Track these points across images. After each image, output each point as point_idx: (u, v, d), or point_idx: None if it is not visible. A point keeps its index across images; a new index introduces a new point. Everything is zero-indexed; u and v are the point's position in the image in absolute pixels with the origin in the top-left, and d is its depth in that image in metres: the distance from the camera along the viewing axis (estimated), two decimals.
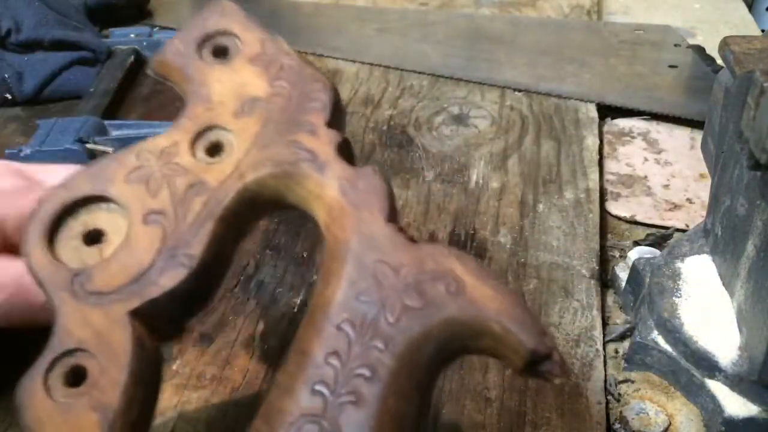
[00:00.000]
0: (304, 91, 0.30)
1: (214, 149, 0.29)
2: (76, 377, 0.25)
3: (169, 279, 0.26)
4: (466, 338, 0.24)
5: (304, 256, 0.47)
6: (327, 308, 0.25)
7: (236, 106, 0.30)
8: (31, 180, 0.35)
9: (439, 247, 0.26)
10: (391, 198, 0.27)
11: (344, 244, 0.26)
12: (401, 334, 0.24)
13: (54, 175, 0.35)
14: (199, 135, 0.29)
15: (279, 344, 0.40)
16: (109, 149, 0.56)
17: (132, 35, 0.77)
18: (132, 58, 0.72)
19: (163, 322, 0.27)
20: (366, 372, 0.23)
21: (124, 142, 0.58)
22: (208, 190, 0.28)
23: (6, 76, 0.67)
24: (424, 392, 0.24)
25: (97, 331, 0.25)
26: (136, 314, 0.26)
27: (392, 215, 0.27)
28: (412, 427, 0.24)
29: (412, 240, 0.26)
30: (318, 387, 0.23)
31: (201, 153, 0.29)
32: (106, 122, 0.60)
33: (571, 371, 0.26)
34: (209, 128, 0.29)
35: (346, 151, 0.29)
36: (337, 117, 0.30)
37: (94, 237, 0.28)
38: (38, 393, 0.25)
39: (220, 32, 0.32)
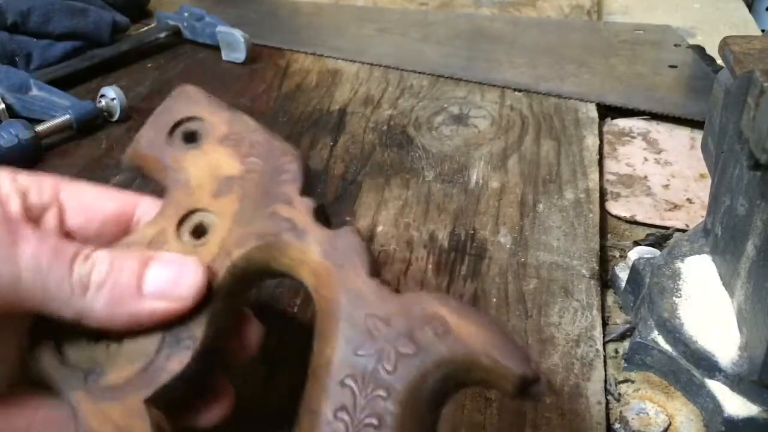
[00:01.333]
0: (275, 165, 0.32)
1: (199, 231, 0.30)
2: None
3: (177, 363, 0.27)
4: (459, 374, 0.26)
5: None
6: (329, 367, 0.26)
7: (214, 188, 0.31)
8: None
9: (423, 294, 0.27)
10: (370, 253, 0.29)
11: (334, 303, 0.28)
12: (400, 380, 0.25)
13: None
14: (182, 220, 0.30)
15: (279, 344, 0.40)
16: None
17: (185, 14, 0.80)
18: (166, 33, 0.79)
19: (175, 405, 0.28)
20: (374, 421, 0.25)
21: (33, 103, 0.61)
22: None
23: (16, 58, 0.69)
24: (430, 429, 0.26)
25: (118, 426, 0.26)
26: (150, 402, 0.27)
27: (374, 269, 0.28)
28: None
29: (396, 290, 0.28)
30: None
31: (187, 236, 0.30)
32: (33, 81, 0.62)
33: (555, 388, 0.28)
34: (191, 212, 0.31)
35: (322, 216, 0.31)
36: (308, 184, 0.32)
37: (98, 334, 0.28)
38: None
39: (188, 118, 0.33)
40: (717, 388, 0.37)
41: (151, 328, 0.28)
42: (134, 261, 0.28)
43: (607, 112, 0.68)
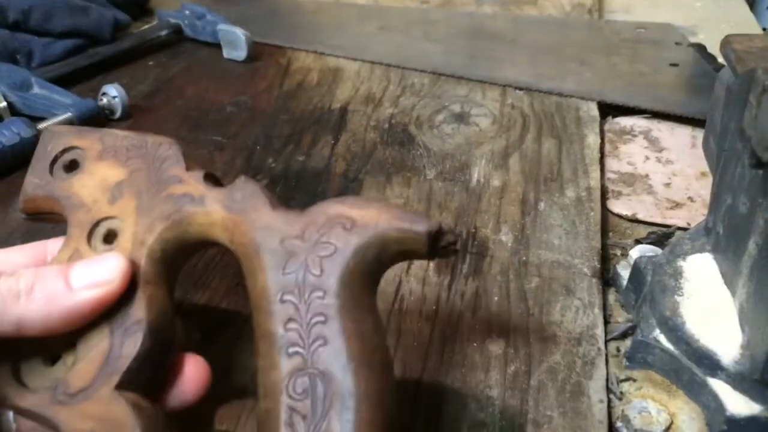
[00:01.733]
0: (155, 156, 0.34)
1: (109, 237, 0.33)
2: None
3: (132, 347, 0.30)
4: (378, 254, 0.29)
5: None
6: (265, 293, 0.29)
7: (108, 197, 0.34)
8: None
9: (322, 202, 0.31)
10: (265, 191, 0.32)
11: (251, 244, 0.31)
12: (330, 277, 0.29)
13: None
14: (90, 235, 0.33)
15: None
16: None
17: (187, 12, 0.80)
18: (167, 31, 0.79)
19: (143, 383, 0.30)
20: (320, 318, 0.28)
21: (35, 100, 0.62)
22: None
23: (18, 56, 0.70)
24: (370, 308, 0.29)
25: (99, 417, 0.28)
26: (121, 387, 0.29)
27: (274, 203, 0.31)
28: (376, 337, 0.29)
29: (301, 210, 0.31)
30: (291, 349, 0.28)
31: (100, 246, 0.32)
32: (34, 79, 0.63)
33: (458, 232, 0.31)
34: (96, 225, 0.33)
35: (213, 179, 0.34)
36: (189, 160, 0.34)
37: (54, 356, 0.31)
38: None
39: (62, 151, 0.36)
40: (719, 386, 0.37)
41: (95, 328, 0.30)
42: (55, 268, 0.30)
43: (609, 110, 0.68)
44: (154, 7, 0.88)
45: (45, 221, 0.36)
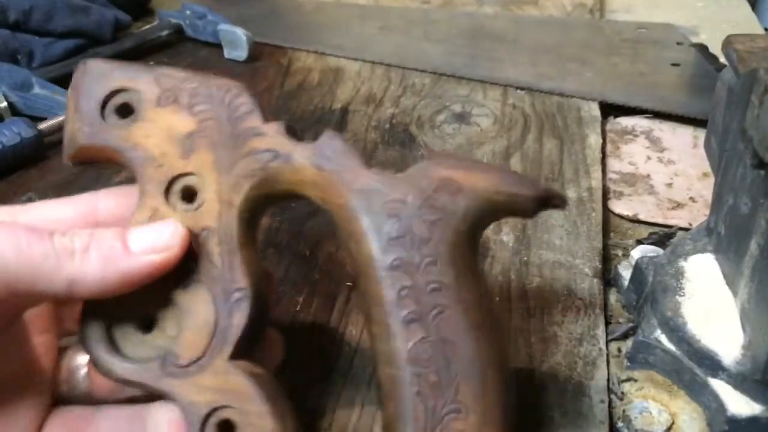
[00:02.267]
0: (225, 104, 0.31)
1: (189, 196, 0.30)
2: (227, 429, 0.28)
3: (240, 316, 0.29)
4: (486, 217, 0.29)
5: (307, 254, 0.47)
6: (372, 261, 0.29)
7: (179, 150, 0.31)
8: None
9: (423, 164, 0.30)
10: (356, 149, 0.30)
11: (348, 205, 0.29)
12: (440, 244, 0.28)
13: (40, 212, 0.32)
14: (167, 192, 0.30)
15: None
16: None
17: (188, 12, 0.80)
18: (168, 31, 0.79)
19: (250, 350, 0.30)
20: (435, 285, 0.28)
21: (35, 101, 0.62)
22: (214, 231, 0.30)
23: (18, 56, 0.69)
24: (478, 272, 0.30)
25: (217, 389, 0.28)
26: (234, 357, 0.29)
27: (366, 162, 0.30)
28: (486, 301, 0.29)
29: (394, 171, 0.30)
30: (409, 317, 0.28)
31: (181, 204, 0.30)
32: (35, 79, 0.63)
33: (565, 197, 0.31)
34: (172, 181, 0.30)
35: (294, 132, 0.31)
36: (264, 108, 0.32)
37: (147, 323, 0.30)
38: None
39: (112, 93, 0.31)
40: (720, 386, 0.37)
41: (192, 293, 0.29)
42: (113, 231, 0.28)
43: (610, 110, 0.67)
44: (154, 7, 0.88)
45: (100, 166, 0.33)
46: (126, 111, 0.31)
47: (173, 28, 0.80)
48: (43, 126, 0.58)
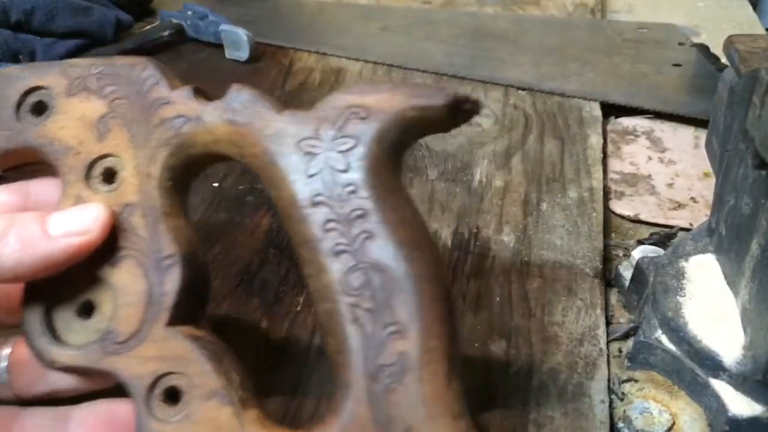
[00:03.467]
0: (133, 80, 0.32)
1: (109, 176, 0.31)
2: (173, 396, 0.28)
3: (171, 282, 0.29)
4: (400, 135, 0.29)
5: None
6: (294, 201, 0.29)
7: (95, 134, 0.31)
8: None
9: (329, 96, 0.30)
10: (264, 95, 0.30)
11: (264, 153, 0.29)
12: (357, 171, 0.28)
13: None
14: (87, 177, 0.31)
15: (284, 341, 0.41)
16: None
17: (189, 12, 0.80)
18: (169, 32, 0.79)
19: (192, 315, 0.30)
20: (358, 212, 0.28)
21: None
22: (136, 205, 0.30)
23: (20, 57, 0.70)
24: (402, 192, 0.29)
25: (159, 357, 0.28)
26: (172, 324, 0.29)
27: (277, 106, 0.30)
28: (417, 219, 0.29)
29: (309, 108, 0.29)
30: (336, 248, 0.28)
31: (102, 187, 0.31)
32: None
33: (479, 101, 0.30)
34: (90, 166, 0.31)
35: (202, 93, 0.32)
36: (170, 77, 0.32)
37: (86, 308, 0.30)
38: (153, 425, 0.28)
39: (24, 94, 0.32)
40: (721, 387, 0.37)
41: (124, 272, 0.29)
42: (32, 214, 0.29)
43: (611, 110, 0.67)
44: (156, 8, 0.88)
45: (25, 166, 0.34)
46: (41, 109, 0.32)
47: (174, 29, 0.80)
48: None
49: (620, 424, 0.38)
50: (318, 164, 0.28)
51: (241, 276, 0.45)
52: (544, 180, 0.56)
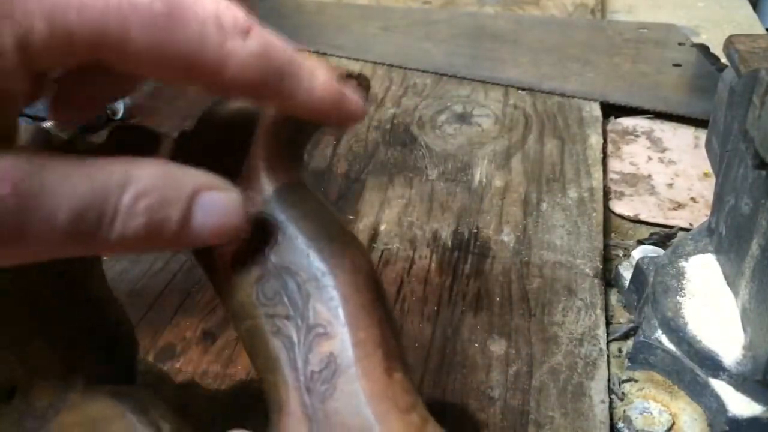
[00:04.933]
0: None
1: None
2: None
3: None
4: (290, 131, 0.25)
5: None
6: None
7: None
8: None
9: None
10: None
11: None
12: (252, 170, 0.25)
13: None
14: None
15: None
16: None
17: None
18: None
19: (110, 360, 0.28)
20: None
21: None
22: None
23: None
24: (299, 181, 0.26)
25: (79, 423, 0.26)
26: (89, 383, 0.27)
27: None
28: (323, 210, 0.26)
29: None
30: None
31: None
32: None
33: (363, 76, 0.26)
34: None
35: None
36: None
37: (10, 391, 0.27)
38: None
39: None
40: (721, 387, 0.37)
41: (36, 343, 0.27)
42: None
43: (611, 110, 0.67)
44: None
45: None
46: None
47: None
48: (44, 126, 0.58)
49: (620, 424, 0.38)
50: None
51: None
52: (544, 180, 0.56)
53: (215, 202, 0.21)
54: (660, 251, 0.47)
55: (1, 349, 0.26)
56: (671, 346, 0.39)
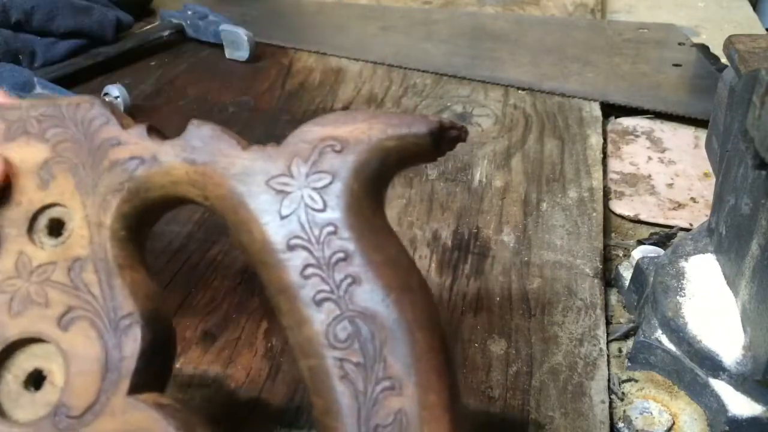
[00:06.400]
0: (78, 121, 0.29)
1: (56, 228, 0.28)
2: None
3: (131, 345, 0.26)
4: (380, 168, 0.26)
5: None
6: (267, 245, 0.26)
7: (36, 182, 0.28)
8: None
9: (298, 130, 0.27)
10: (227, 131, 0.28)
11: (230, 194, 0.26)
12: (335, 209, 0.25)
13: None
14: (30, 230, 0.28)
15: (282, 342, 0.40)
16: None
17: (189, 12, 0.81)
18: (169, 32, 0.80)
19: (156, 378, 0.27)
20: (340, 255, 0.25)
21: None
22: (87, 259, 0.27)
23: (20, 56, 0.70)
24: (386, 229, 0.27)
25: (122, 430, 0.25)
26: (134, 392, 0.26)
27: (241, 142, 0.27)
28: (404, 259, 0.26)
29: (275, 144, 0.27)
30: (318, 297, 0.25)
31: (48, 240, 0.28)
32: (37, 79, 0.62)
33: (461, 125, 0.27)
34: (34, 218, 0.28)
35: (157, 132, 0.29)
36: (119, 115, 0.29)
37: (35, 379, 0.27)
38: None
39: None
40: (721, 387, 0.37)
41: (75, 335, 0.26)
42: None
43: (611, 110, 0.67)
44: (156, 8, 0.88)
45: None
46: None
47: (175, 29, 0.80)
48: None
49: (620, 424, 0.38)
50: (292, 203, 0.26)
51: (242, 275, 0.45)
52: (544, 180, 0.56)
53: None
54: (660, 251, 0.47)
55: None
56: (671, 346, 0.39)
